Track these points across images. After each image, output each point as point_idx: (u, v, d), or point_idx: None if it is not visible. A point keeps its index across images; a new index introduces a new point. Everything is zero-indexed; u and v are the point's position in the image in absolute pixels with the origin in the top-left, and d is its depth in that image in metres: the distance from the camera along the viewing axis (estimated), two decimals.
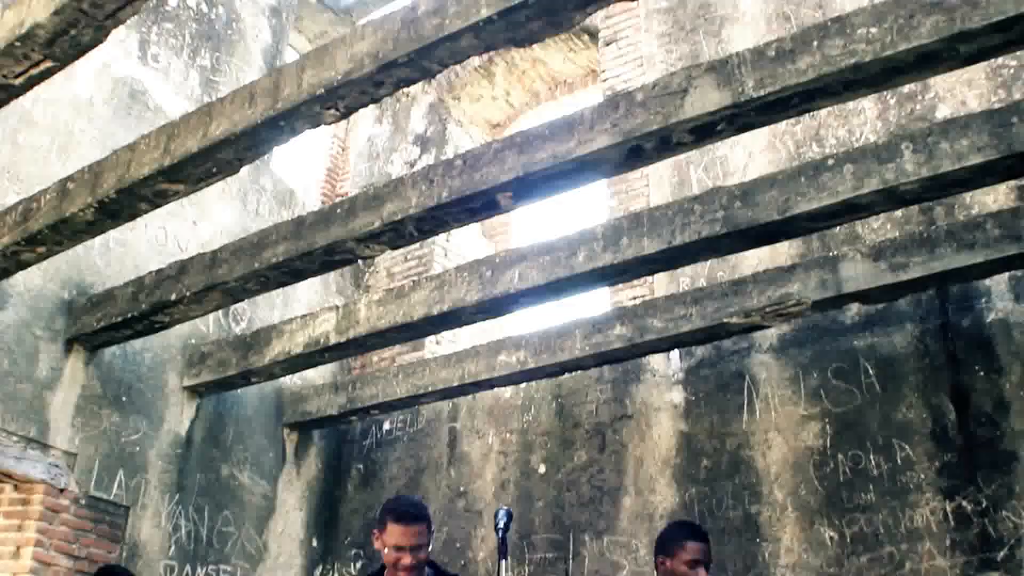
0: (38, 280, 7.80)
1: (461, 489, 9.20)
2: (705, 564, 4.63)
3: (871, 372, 7.37)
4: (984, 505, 6.64)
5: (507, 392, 9.26)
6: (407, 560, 3.87)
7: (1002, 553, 6.50)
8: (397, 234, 6.35)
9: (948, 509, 6.77)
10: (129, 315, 7.62)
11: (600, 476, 8.46)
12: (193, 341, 8.95)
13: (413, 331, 7.80)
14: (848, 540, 7.08)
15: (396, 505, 4.10)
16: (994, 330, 6.99)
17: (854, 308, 7.49)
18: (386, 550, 3.96)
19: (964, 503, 6.73)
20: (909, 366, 7.24)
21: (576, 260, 6.71)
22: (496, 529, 3.60)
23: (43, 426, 7.68)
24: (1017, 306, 6.95)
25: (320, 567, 9.84)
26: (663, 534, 4.90)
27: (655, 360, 8.46)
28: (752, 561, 7.44)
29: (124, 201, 6.32)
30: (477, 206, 5.99)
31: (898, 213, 7.54)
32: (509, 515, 3.56)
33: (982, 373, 6.93)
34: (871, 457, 7.18)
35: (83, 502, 7.85)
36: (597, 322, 7.95)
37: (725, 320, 7.26)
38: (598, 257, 6.62)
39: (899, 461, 7.06)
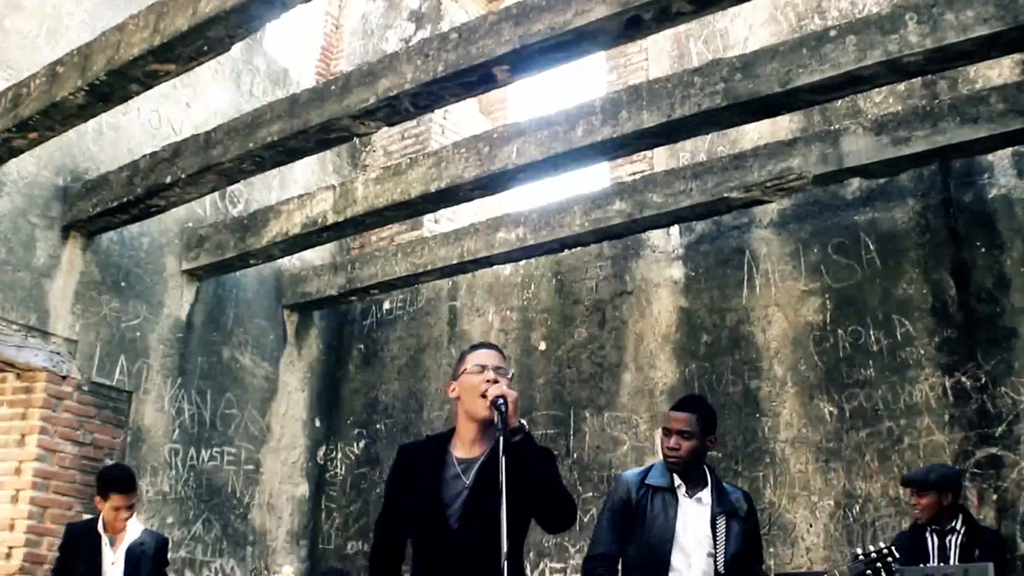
0: (32, 167, 7.73)
1: None
2: (677, 432, 4.71)
3: (872, 247, 7.34)
4: (983, 381, 6.67)
5: (507, 269, 9.25)
6: (491, 374, 3.75)
7: (1000, 428, 6.54)
8: (393, 110, 6.27)
9: (947, 385, 6.80)
10: (125, 200, 7.59)
11: (600, 352, 8.49)
12: (190, 224, 8.91)
13: (411, 209, 7.77)
14: (847, 415, 7.13)
15: (474, 345, 4.04)
16: (996, 206, 6.93)
17: (855, 183, 7.43)
18: (467, 376, 3.80)
19: (963, 379, 6.75)
20: (910, 241, 7.21)
21: (575, 134, 6.64)
22: (498, 415, 3.57)
23: (43, 314, 7.70)
24: (1020, 182, 6.89)
25: (323, 447, 9.94)
26: None
27: (655, 236, 8.43)
28: (752, 436, 7.50)
29: (115, 83, 6.24)
30: (473, 80, 5.91)
31: (901, 86, 7.43)
32: (505, 402, 3.54)
33: (983, 249, 6.90)
34: (871, 332, 7.19)
35: (86, 388, 7.89)
36: (596, 198, 7.91)
37: (725, 195, 7.23)
38: (597, 131, 6.55)
39: (899, 337, 7.07)
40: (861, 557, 4.60)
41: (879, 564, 4.53)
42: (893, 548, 4.57)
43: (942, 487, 5.75)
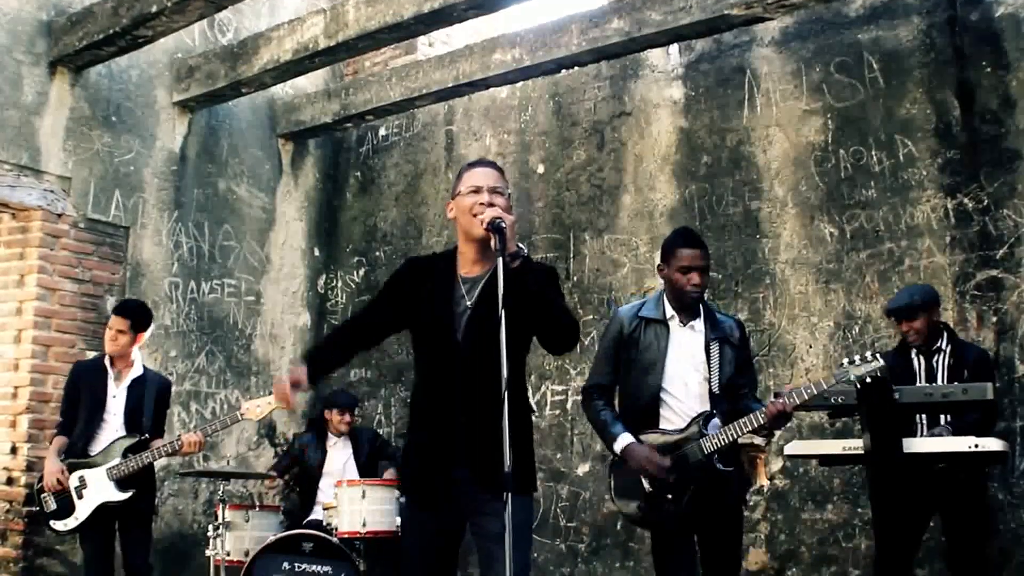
0: (14, 3, 7.57)
1: None
2: (699, 269, 4.89)
3: (875, 66, 7.18)
4: (985, 203, 6.61)
5: (503, 92, 9.10)
6: (486, 196, 3.72)
7: (1001, 251, 6.52)
8: None
9: (949, 206, 6.75)
10: (111, 31, 7.44)
11: (599, 175, 8.43)
12: (180, 55, 8.73)
13: (404, 31, 7.59)
14: (848, 236, 7.11)
15: (471, 163, 4.01)
16: (1003, 25, 6.73)
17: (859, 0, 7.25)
18: (462, 198, 3.79)
19: (965, 201, 6.69)
20: (914, 60, 7.04)
21: None
22: (497, 238, 3.54)
23: (34, 152, 7.63)
24: None
25: (323, 276, 9.98)
26: (663, 243, 5.12)
27: (654, 55, 8.26)
28: (752, 257, 7.51)
29: None
30: None
31: None
32: (502, 223, 3.51)
33: (989, 69, 6.74)
34: (873, 153, 7.10)
35: (82, 225, 7.89)
36: (594, 16, 7.75)
37: (726, 11, 7.06)
38: None
39: (901, 157, 6.98)
40: (858, 361, 4.67)
41: (878, 372, 4.62)
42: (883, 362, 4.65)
43: (928, 306, 5.78)
